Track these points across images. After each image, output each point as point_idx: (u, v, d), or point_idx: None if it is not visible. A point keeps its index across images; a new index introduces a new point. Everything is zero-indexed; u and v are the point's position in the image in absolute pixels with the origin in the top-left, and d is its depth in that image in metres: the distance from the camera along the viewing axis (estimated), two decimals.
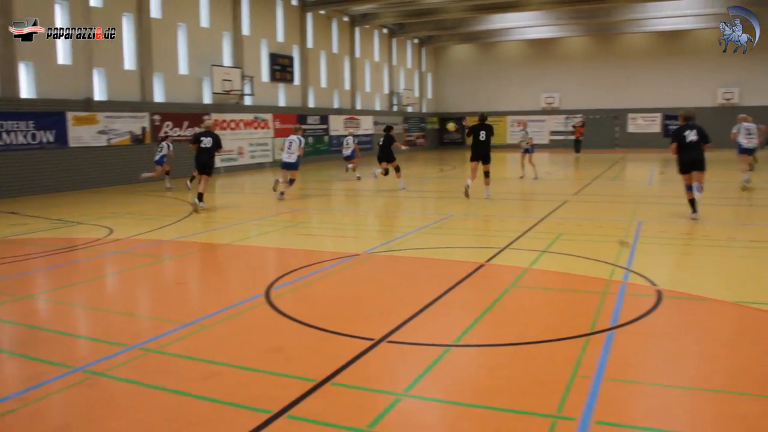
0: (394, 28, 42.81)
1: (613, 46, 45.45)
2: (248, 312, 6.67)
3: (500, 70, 48.26)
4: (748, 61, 42.33)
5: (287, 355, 5.36)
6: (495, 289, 7.36)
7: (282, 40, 31.91)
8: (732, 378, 4.86)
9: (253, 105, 29.50)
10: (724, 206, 15.08)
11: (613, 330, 5.82)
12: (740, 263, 8.85)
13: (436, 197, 18.15)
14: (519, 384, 4.73)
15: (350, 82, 38.45)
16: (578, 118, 44.59)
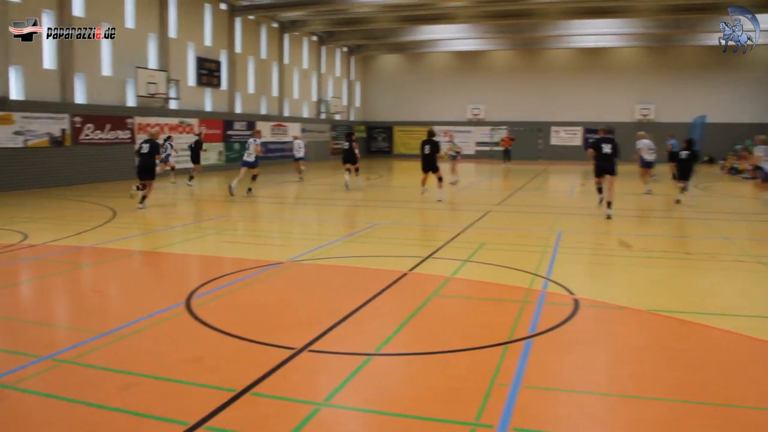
0: (324, 36, 42.81)
1: (538, 60, 46.61)
2: (168, 321, 6.54)
3: (428, 80, 48.83)
4: (663, 80, 44.22)
5: (207, 365, 5.28)
6: (417, 298, 7.43)
7: (210, 44, 31.49)
8: (644, 384, 5.04)
9: (179, 109, 28.99)
10: (640, 218, 15.62)
11: (531, 338, 5.96)
12: (653, 273, 9.18)
13: (363, 206, 18.20)
14: (438, 392, 4.79)
15: (278, 89, 38.22)
16: (503, 130, 45.64)
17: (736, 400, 4.73)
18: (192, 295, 7.40)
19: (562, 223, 13.99)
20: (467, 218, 14.30)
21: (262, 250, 10.98)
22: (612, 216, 14.35)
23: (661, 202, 18.90)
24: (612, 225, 14.31)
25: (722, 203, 19.73)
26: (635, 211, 16.89)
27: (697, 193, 18.87)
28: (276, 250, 11.08)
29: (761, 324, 6.65)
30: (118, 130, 24.92)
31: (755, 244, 11.73)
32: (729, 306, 7.42)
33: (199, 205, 17.42)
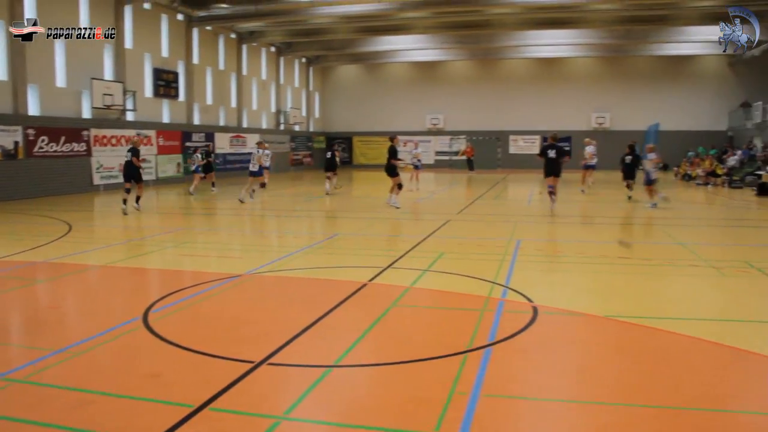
0: (282, 47, 42.71)
1: (496, 70, 47.14)
2: (124, 336, 6.44)
3: (387, 91, 49.02)
4: (618, 88, 45.12)
5: (164, 381, 5.21)
6: (376, 308, 7.43)
7: (167, 54, 31.19)
8: (602, 389, 5.11)
9: (136, 121, 28.62)
10: (596, 225, 15.85)
11: (491, 346, 6.00)
12: (611, 279, 9.33)
13: (324, 216, 18.16)
14: (399, 402, 4.79)
15: (237, 100, 38.01)
16: (462, 140, 46.09)
17: (692, 402, 4.82)
18: (149, 309, 7.30)
19: (520, 231, 14.12)
20: (427, 228, 14.36)
21: (221, 263, 10.88)
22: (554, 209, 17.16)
23: (619, 209, 19.20)
24: (569, 232, 14.51)
25: (677, 209, 20.11)
26: (593, 219, 17.15)
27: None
28: (235, 262, 10.99)
29: (716, 327, 6.79)
30: (74, 143, 24.51)
31: (709, 249, 11.98)
32: (685, 311, 7.57)
33: (158, 218, 17.19)
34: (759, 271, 9.65)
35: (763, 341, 6.28)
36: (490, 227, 15.41)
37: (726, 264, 10.35)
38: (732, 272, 9.69)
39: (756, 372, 5.62)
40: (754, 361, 5.77)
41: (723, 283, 9.14)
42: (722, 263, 10.41)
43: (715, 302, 8.13)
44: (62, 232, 13.86)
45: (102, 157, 25.94)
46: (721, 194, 25.06)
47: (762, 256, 11.26)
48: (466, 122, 47.72)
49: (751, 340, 6.32)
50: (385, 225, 15.80)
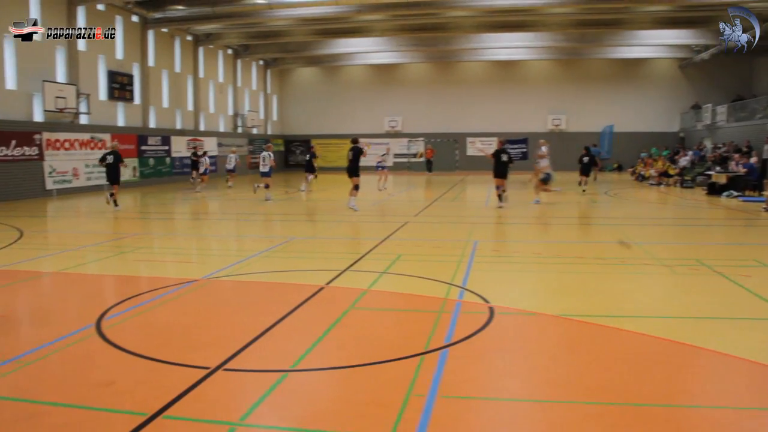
0: (239, 49, 42.39)
1: (453, 72, 47.43)
2: (76, 345, 6.31)
3: (345, 93, 48.98)
4: (573, 91, 45.79)
5: (117, 389, 5.11)
6: (334, 311, 7.41)
7: (121, 57, 30.71)
8: (557, 388, 5.17)
9: (90, 124, 28.10)
10: (552, 225, 16.05)
11: (447, 348, 6.03)
12: (566, 278, 9.45)
13: (282, 220, 18.07)
14: (355, 406, 4.78)
15: (194, 103, 37.61)
16: (420, 142, 46.32)
17: (646, 399, 4.91)
18: (103, 316, 7.18)
19: (477, 233, 14.23)
20: (385, 230, 14.38)
21: (177, 268, 10.76)
22: (503, 206, 19.17)
23: (573, 209, 19.46)
24: (526, 233, 14.67)
25: (630, 209, 20.47)
26: (548, 218, 17.36)
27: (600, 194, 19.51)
28: (191, 267, 10.87)
29: (668, 325, 6.92)
30: (25, 147, 23.97)
31: (662, 248, 12.21)
32: (637, 308, 7.71)
33: (114, 223, 16.91)
34: (709, 268, 9.87)
35: (713, 337, 6.42)
36: (448, 229, 15.49)
37: (677, 262, 10.57)
38: (683, 270, 9.90)
39: (706, 368, 5.75)
40: (705, 356, 5.90)
41: (674, 281, 9.33)
42: (674, 261, 10.62)
43: (666, 300, 8.30)
44: (13, 238, 13.55)
45: (55, 161, 25.43)
46: (673, 194, 25.59)
47: (712, 254, 11.53)
48: (424, 124, 47.93)
49: (702, 336, 6.46)
50: (343, 228, 15.78)
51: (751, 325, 6.97)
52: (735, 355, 5.82)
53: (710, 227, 16.41)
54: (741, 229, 16.00)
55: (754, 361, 5.67)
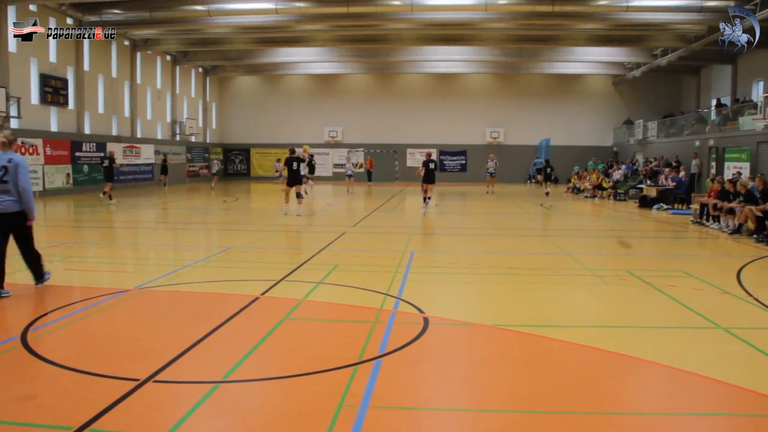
0: (178, 56, 41.83)
1: (393, 84, 47.76)
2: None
3: (285, 102, 48.79)
4: (511, 105, 46.68)
5: (40, 403, 4.94)
6: (268, 322, 7.34)
7: (55, 60, 29.95)
8: (491, 397, 5.25)
9: (21, 129, 27.26)
10: (488, 236, 16.26)
11: (381, 358, 6.04)
12: (500, 289, 9.57)
13: (219, 229, 17.86)
14: (287, 417, 4.75)
15: (130, 109, 36.91)
16: (360, 153, 46.46)
17: (574, 406, 5.01)
18: (29, 327, 6.95)
19: (414, 243, 14.33)
20: (322, 240, 14.35)
21: (108, 277, 10.52)
22: (425, 212, 21.49)
23: (508, 221, 19.76)
24: (462, 244, 14.81)
25: (565, 220, 20.91)
26: (485, 230, 17.58)
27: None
28: (123, 276, 10.64)
29: (599, 333, 7.08)
30: None
31: (594, 259, 12.50)
32: (569, 318, 7.88)
33: (46, 231, 16.42)
34: (639, 279, 10.14)
35: (641, 345, 6.60)
36: (385, 239, 15.55)
37: (608, 273, 10.83)
38: (614, 280, 10.15)
39: (634, 375, 5.89)
40: (633, 364, 6.05)
41: (605, 291, 9.55)
42: (605, 272, 10.89)
43: (597, 309, 8.49)
44: None
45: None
46: (607, 206, 26.23)
47: (642, 265, 11.87)
48: (364, 135, 48.09)
49: (630, 344, 6.63)
50: (280, 237, 15.69)
51: (679, 333, 7.19)
52: (662, 363, 5.99)
53: (640, 239, 16.88)
54: (670, 241, 16.50)
55: (679, 368, 5.85)
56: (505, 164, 45.45)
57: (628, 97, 45.77)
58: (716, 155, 29.65)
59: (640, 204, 25.37)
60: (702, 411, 5.09)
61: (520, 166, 45.98)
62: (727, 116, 30.60)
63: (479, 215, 21.91)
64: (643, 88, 44.63)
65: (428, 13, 28.82)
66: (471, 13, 28.75)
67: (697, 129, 33.71)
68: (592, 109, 46.52)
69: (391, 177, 47.64)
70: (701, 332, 7.23)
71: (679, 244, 15.98)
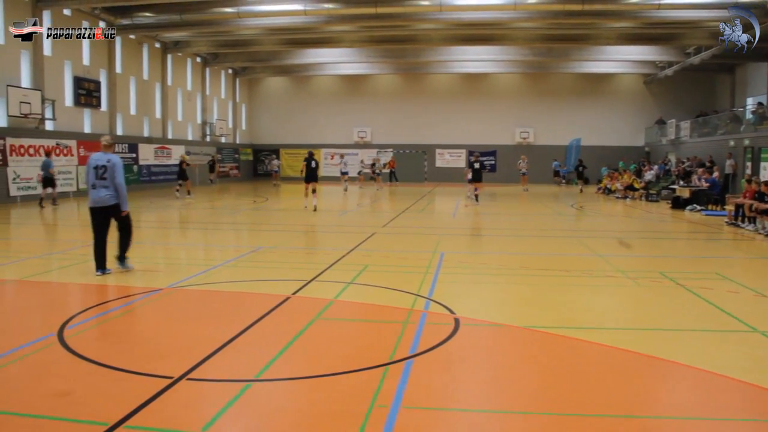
0: (208, 58, 42.20)
1: (422, 84, 47.69)
2: (36, 354, 6.20)
3: (314, 103, 48.97)
4: (541, 104, 46.34)
5: (77, 399, 5.03)
6: (299, 322, 7.38)
7: (88, 63, 30.40)
8: (522, 399, 5.21)
9: (55, 130, 27.75)
10: (518, 237, 16.17)
11: (412, 358, 6.03)
12: (531, 290, 9.50)
13: (249, 229, 17.97)
14: (318, 416, 4.76)
15: (161, 110, 37.32)
16: (388, 153, 46.49)
17: (605, 409, 4.96)
18: (65, 325, 7.06)
19: (444, 244, 14.28)
20: (352, 240, 14.37)
21: (141, 277, 10.62)
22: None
23: (539, 221, 19.63)
24: (492, 245, 14.76)
25: (596, 222, 20.72)
26: (515, 231, 17.49)
27: None
28: (156, 276, 10.74)
29: (631, 336, 7.00)
30: None
31: (626, 260, 12.37)
32: (601, 320, 7.80)
33: (80, 230, 16.68)
34: (672, 281, 10.01)
35: (675, 348, 6.51)
36: (415, 240, 15.52)
37: (641, 274, 10.70)
38: (646, 282, 10.02)
39: (666, 378, 5.82)
40: (665, 367, 5.98)
41: (638, 293, 9.45)
42: (637, 274, 10.76)
43: (629, 312, 8.40)
44: None
45: (19, 167, 25.05)
46: (639, 207, 25.93)
47: (675, 267, 11.70)
48: (393, 135, 48.09)
49: (663, 347, 6.55)
50: (310, 238, 15.75)
51: (713, 336, 7.09)
52: (696, 366, 5.91)
53: (674, 240, 16.67)
54: (703, 242, 16.27)
55: (714, 372, 5.76)
56: (534, 165, 45.24)
57: (659, 97, 45.21)
58: (752, 155, 29.15)
59: (673, 205, 25.05)
60: (737, 416, 5.01)
61: (550, 167, 45.68)
62: (763, 115, 30.07)
63: (509, 216, 21.78)
64: (675, 87, 44.04)
65: (457, 13, 28.71)
66: (500, 13, 28.59)
67: (732, 128, 33.18)
68: (623, 108, 46.01)
69: (420, 178, 47.58)
70: (737, 336, 7.12)
71: (714, 246, 15.75)
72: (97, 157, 10.22)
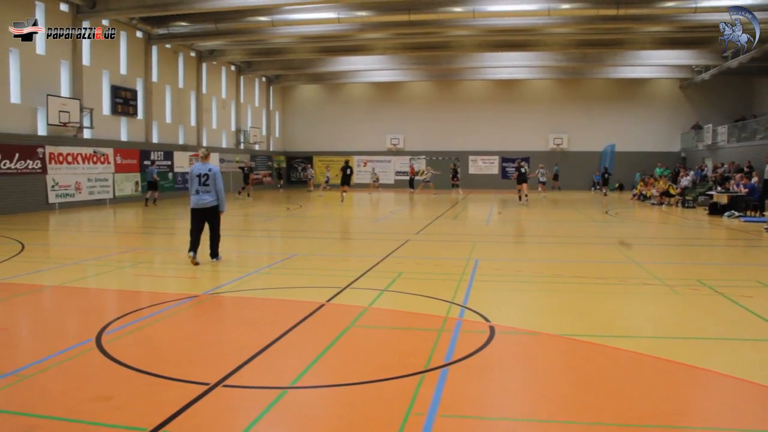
0: (242, 66, 42.62)
1: (455, 91, 47.61)
2: (76, 359, 6.30)
3: (347, 110, 49.16)
4: (575, 110, 45.96)
5: (116, 404, 5.10)
6: (334, 329, 7.39)
7: (125, 72, 30.90)
8: (556, 407, 5.16)
9: (93, 138, 28.24)
10: (553, 244, 16.03)
11: (448, 366, 6.01)
12: (566, 298, 9.42)
13: (282, 236, 18.08)
14: (355, 424, 4.77)
15: (196, 118, 37.75)
16: (422, 160, 46.41)
17: (644, 419, 4.89)
18: (103, 331, 7.16)
19: (478, 251, 14.22)
20: (386, 248, 14.37)
21: (177, 283, 10.75)
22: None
23: (576, 229, 19.46)
24: (526, 252, 14.67)
25: (631, 228, 20.46)
26: (549, 237, 17.35)
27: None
28: (192, 282, 10.84)
29: (669, 344, 6.90)
30: (28, 160, 24.07)
31: (663, 268, 12.20)
32: (638, 328, 7.70)
33: (116, 237, 16.94)
34: (710, 288, 9.85)
35: (713, 357, 6.41)
36: (449, 247, 15.48)
37: (678, 282, 10.55)
38: (684, 290, 9.87)
39: (706, 388, 5.73)
40: (704, 377, 5.88)
41: (675, 300, 9.30)
42: (675, 281, 10.60)
43: (667, 320, 8.27)
44: (15, 251, 13.57)
45: (58, 174, 25.53)
46: (675, 214, 25.58)
47: (713, 274, 11.52)
48: (425, 142, 48.05)
49: (702, 356, 6.45)
50: (343, 245, 15.79)
51: (753, 345, 6.95)
52: (736, 376, 5.80)
53: (711, 247, 16.40)
54: (742, 249, 15.98)
55: (754, 382, 5.65)
56: (569, 171, 45.02)
57: (696, 101, 44.55)
58: None
59: (710, 211, 24.63)
60: None
61: (584, 173, 45.26)
62: None
63: (544, 222, 21.61)
64: (712, 92, 43.37)
65: (490, 20, 28.64)
66: (534, 19, 28.46)
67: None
68: (659, 114, 45.43)
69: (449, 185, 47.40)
70: None
71: (753, 253, 15.46)
72: (199, 167, 11.78)
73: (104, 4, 26.82)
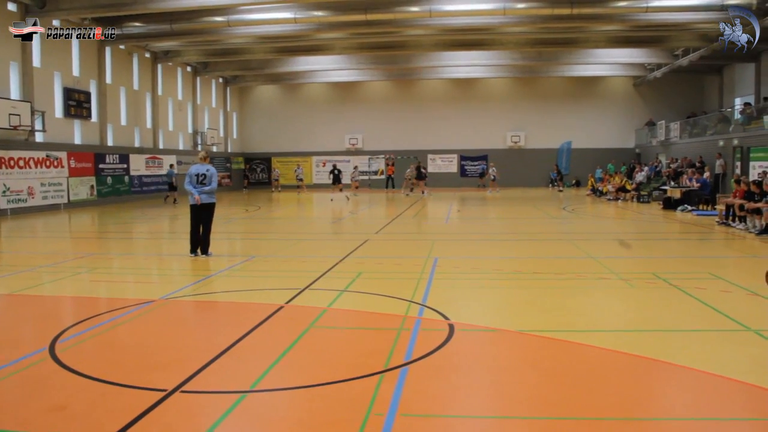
0: (198, 67, 42.15)
1: (413, 90, 47.74)
2: (28, 369, 6.15)
3: (306, 111, 48.95)
4: (532, 108, 46.46)
5: (70, 414, 4.99)
6: (293, 330, 7.35)
7: (78, 74, 30.32)
8: (519, 404, 5.20)
9: (45, 142, 27.65)
10: (511, 241, 16.19)
11: (407, 365, 6.02)
12: (525, 294, 9.52)
13: (241, 238, 17.93)
14: (315, 426, 4.74)
15: (152, 120, 37.23)
16: (381, 159, 46.44)
17: (603, 412, 4.96)
18: (57, 339, 7.01)
19: (438, 249, 14.28)
20: (345, 248, 14.35)
21: (134, 288, 10.60)
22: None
23: (531, 225, 19.66)
24: (485, 249, 14.77)
25: (588, 224, 20.76)
26: (507, 234, 17.51)
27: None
28: (149, 287, 10.70)
29: (626, 338, 7.00)
30: None
31: (619, 262, 12.39)
32: (596, 323, 7.81)
33: (71, 243, 16.62)
34: (665, 281, 10.04)
35: (670, 349, 6.52)
36: (409, 246, 15.53)
37: (634, 276, 10.72)
38: (640, 284, 10.05)
39: (662, 380, 5.82)
40: (661, 369, 5.98)
41: (632, 294, 9.47)
42: (631, 275, 10.78)
43: (624, 313, 8.41)
44: None
45: (9, 179, 24.95)
46: (630, 209, 26.01)
47: (668, 268, 11.73)
48: (384, 142, 48.10)
49: (659, 348, 6.55)
50: (303, 246, 15.72)
51: (707, 336, 7.11)
52: (692, 367, 5.91)
53: (665, 241, 16.72)
54: (695, 242, 16.32)
55: (710, 372, 5.77)
56: (526, 168, 45.42)
57: (649, 99, 45.39)
58: (741, 155, 29.27)
59: (664, 206, 25.13)
60: (734, 415, 5.02)
61: (541, 170, 45.76)
62: (752, 115, 30.21)
63: (502, 220, 21.81)
64: (664, 89, 44.24)
65: (447, 19, 28.78)
66: (489, 18, 28.66)
67: (721, 129, 33.33)
68: (613, 111, 46.17)
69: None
70: (731, 335, 7.14)
71: (706, 246, 15.80)
72: (197, 167, 12.90)
73: (54, 4, 26.27)
